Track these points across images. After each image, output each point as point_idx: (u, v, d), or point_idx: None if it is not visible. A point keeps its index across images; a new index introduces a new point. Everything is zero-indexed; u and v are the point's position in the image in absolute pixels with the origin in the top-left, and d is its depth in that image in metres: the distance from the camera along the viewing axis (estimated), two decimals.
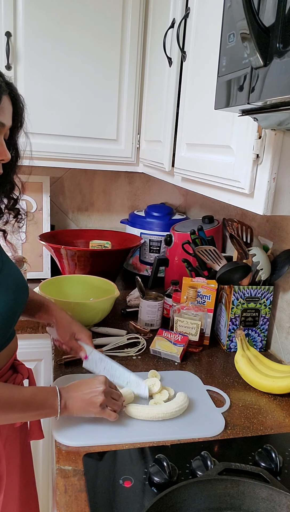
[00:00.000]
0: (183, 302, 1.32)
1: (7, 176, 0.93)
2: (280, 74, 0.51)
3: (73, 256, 1.59)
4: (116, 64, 1.60)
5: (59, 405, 0.86)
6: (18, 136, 0.92)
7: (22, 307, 0.96)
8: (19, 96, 0.87)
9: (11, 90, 0.83)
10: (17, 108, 0.87)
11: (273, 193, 0.80)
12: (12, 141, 0.90)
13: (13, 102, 0.85)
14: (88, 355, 1.08)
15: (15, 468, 0.98)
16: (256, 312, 1.29)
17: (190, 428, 0.93)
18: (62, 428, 0.90)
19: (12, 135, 0.90)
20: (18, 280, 0.94)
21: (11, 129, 0.88)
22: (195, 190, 1.18)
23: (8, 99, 0.82)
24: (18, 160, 0.94)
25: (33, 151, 0.96)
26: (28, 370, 1.03)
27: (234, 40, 0.61)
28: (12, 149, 0.90)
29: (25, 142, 0.94)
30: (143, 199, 2.15)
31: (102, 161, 1.70)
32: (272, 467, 0.81)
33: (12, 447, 0.96)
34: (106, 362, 1.08)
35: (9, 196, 0.97)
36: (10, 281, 0.90)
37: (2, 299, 0.85)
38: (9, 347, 0.94)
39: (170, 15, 1.29)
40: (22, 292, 0.94)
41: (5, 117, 0.81)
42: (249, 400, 1.07)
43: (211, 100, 0.76)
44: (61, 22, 1.51)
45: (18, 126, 0.90)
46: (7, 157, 0.84)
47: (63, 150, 1.63)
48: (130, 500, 0.73)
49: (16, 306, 0.91)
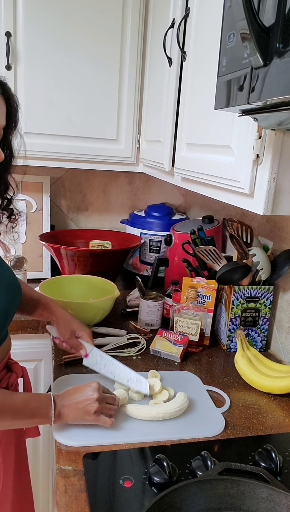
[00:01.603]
0: (183, 302, 1.32)
1: (1, 177, 0.93)
2: (280, 74, 0.51)
3: (73, 256, 1.59)
4: (116, 64, 1.60)
5: (53, 414, 0.85)
6: (12, 136, 0.92)
7: (15, 307, 0.96)
8: (12, 96, 0.86)
9: (4, 90, 0.83)
10: (11, 108, 0.87)
11: (273, 193, 0.80)
12: (6, 141, 0.90)
13: (7, 102, 0.85)
14: (88, 353, 1.09)
15: (10, 466, 0.97)
16: (256, 312, 1.29)
17: (190, 428, 0.93)
18: (62, 428, 0.90)
19: (6, 135, 0.90)
20: (10, 280, 0.93)
21: (5, 129, 0.88)
22: (195, 190, 1.18)
23: (2, 99, 0.82)
24: (12, 160, 0.94)
25: (33, 151, 0.97)
26: (23, 368, 1.03)
27: (234, 40, 0.61)
28: (6, 149, 0.90)
29: (19, 141, 0.94)
30: (143, 199, 2.15)
31: (102, 161, 1.70)
32: (272, 467, 0.81)
33: (7, 445, 0.96)
34: (107, 360, 1.08)
35: (3, 196, 0.96)
36: (2, 281, 0.90)
37: None
38: (3, 347, 0.94)
39: (170, 15, 1.29)
40: (14, 293, 0.94)
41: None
42: (249, 400, 1.07)
43: (211, 100, 0.76)
44: (61, 22, 1.51)
45: (12, 126, 0.90)
46: (1, 157, 0.84)
47: (63, 150, 1.63)
48: (130, 500, 0.73)
49: (9, 306, 0.90)
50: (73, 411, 0.87)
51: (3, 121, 0.84)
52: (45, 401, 0.86)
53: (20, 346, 1.06)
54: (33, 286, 1.43)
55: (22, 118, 0.92)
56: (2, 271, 0.92)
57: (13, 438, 0.98)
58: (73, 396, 0.89)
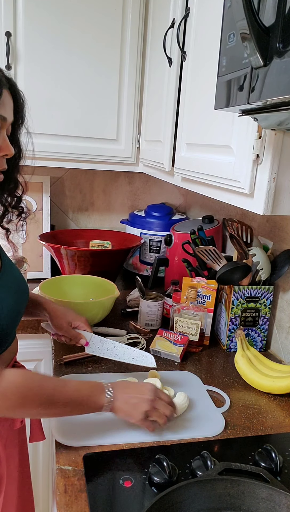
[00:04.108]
0: (183, 302, 1.32)
1: (11, 174, 0.92)
2: (280, 74, 0.51)
3: (73, 256, 1.59)
4: (116, 64, 1.60)
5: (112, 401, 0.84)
6: (20, 132, 0.91)
7: (24, 308, 0.96)
8: (19, 91, 0.86)
9: (11, 85, 0.83)
10: (17, 104, 0.86)
11: (273, 193, 0.80)
12: (14, 137, 0.90)
13: (14, 97, 0.84)
14: (88, 340, 1.09)
15: (14, 469, 0.97)
16: (256, 312, 1.29)
17: (190, 428, 0.93)
18: (62, 428, 0.90)
19: (14, 131, 0.89)
20: (19, 282, 0.94)
21: (12, 125, 0.87)
22: (195, 190, 1.18)
23: (9, 94, 0.81)
24: (21, 157, 0.94)
25: (33, 150, 0.96)
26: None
27: (234, 40, 0.61)
28: (14, 146, 0.89)
29: (27, 141, 0.94)
30: (143, 199, 2.15)
31: (102, 161, 1.70)
32: (272, 467, 0.81)
33: (11, 448, 0.96)
34: (108, 343, 1.09)
35: (13, 194, 0.96)
36: (12, 282, 0.90)
37: (6, 300, 0.85)
38: (11, 349, 0.94)
39: (170, 15, 1.29)
40: (23, 293, 0.94)
41: (6, 111, 0.80)
42: (249, 400, 1.07)
43: (211, 100, 0.76)
44: (61, 22, 1.51)
45: (20, 122, 0.90)
46: (11, 152, 0.83)
47: (63, 150, 1.63)
48: (130, 500, 0.73)
49: (19, 307, 0.90)
50: (124, 404, 0.85)
51: (11, 116, 0.83)
52: (97, 389, 0.85)
53: (20, 346, 1.06)
54: (33, 286, 1.43)
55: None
56: (12, 272, 0.92)
57: (17, 441, 0.98)
58: (128, 389, 0.87)
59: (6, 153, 0.82)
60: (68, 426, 0.90)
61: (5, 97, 0.79)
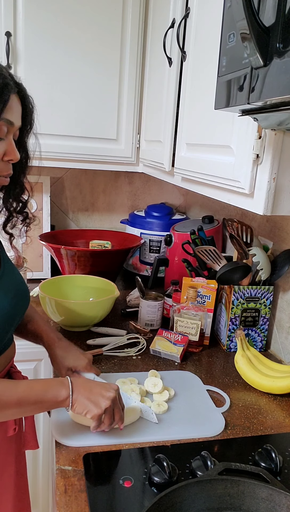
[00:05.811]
0: (183, 302, 1.32)
1: (17, 178, 0.91)
2: (280, 74, 0.51)
3: (73, 256, 1.59)
4: (116, 64, 1.60)
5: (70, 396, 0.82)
6: (28, 137, 0.90)
7: (22, 313, 0.94)
8: (28, 97, 0.85)
9: (20, 90, 0.82)
10: (26, 109, 0.85)
11: (273, 193, 0.80)
12: (21, 142, 0.89)
13: (22, 102, 0.83)
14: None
15: (10, 478, 0.95)
16: (256, 312, 1.29)
17: (190, 428, 0.93)
18: (62, 428, 0.90)
19: (21, 136, 0.88)
20: (18, 285, 0.92)
21: (20, 130, 0.86)
22: (195, 190, 1.18)
23: (17, 99, 0.80)
24: (28, 162, 0.92)
25: (33, 150, 0.96)
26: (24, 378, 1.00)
27: (234, 40, 0.61)
28: (22, 151, 0.88)
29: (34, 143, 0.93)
30: (143, 199, 2.15)
31: (102, 161, 1.70)
32: (272, 467, 0.81)
33: (6, 456, 0.93)
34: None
35: (18, 199, 0.95)
36: (10, 285, 0.88)
37: (1, 304, 0.83)
38: (5, 355, 0.91)
39: (170, 15, 1.29)
40: (21, 298, 0.92)
41: (13, 115, 0.79)
42: (249, 400, 1.07)
43: (211, 100, 0.76)
44: (61, 22, 1.51)
45: (28, 128, 0.89)
46: (16, 157, 0.81)
47: (63, 150, 1.63)
48: (130, 500, 0.73)
49: (14, 311, 0.88)
50: (83, 399, 0.83)
51: (19, 121, 0.82)
52: (54, 384, 0.83)
53: (20, 346, 1.06)
54: (33, 286, 1.43)
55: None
56: (12, 275, 0.91)
57: (12, 449, 0.95)
58: (89, 385, 0.86)
59: (11, 158, 0.81)
60: (68, 426, 0.90)
61: (12, 101, 0.78)
